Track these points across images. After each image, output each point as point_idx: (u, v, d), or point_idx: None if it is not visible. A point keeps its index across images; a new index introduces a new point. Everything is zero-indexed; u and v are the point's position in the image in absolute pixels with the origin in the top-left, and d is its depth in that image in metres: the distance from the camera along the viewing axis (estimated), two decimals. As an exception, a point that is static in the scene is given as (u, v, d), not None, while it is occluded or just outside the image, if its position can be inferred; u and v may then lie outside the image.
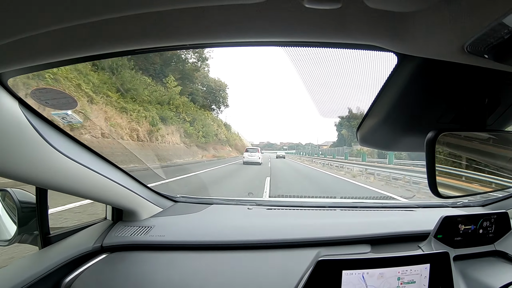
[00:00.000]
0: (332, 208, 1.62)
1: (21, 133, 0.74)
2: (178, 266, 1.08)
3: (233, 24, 0.50)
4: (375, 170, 13.82)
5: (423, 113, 0.76)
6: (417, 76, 0.64)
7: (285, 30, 0.52)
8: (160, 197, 1.49)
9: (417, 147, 0.83)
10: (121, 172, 1.18)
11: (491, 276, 1.09)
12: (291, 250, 1.16)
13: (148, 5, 0.42)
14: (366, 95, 0.76)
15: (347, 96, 0.80)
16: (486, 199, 1.67)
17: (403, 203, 1.96)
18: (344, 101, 0.82)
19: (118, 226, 1.26)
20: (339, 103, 0.84)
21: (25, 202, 1.08)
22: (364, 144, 0.92)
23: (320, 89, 0.78)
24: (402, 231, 1.27)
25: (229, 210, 1.59)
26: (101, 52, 0.60)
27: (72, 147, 0.92)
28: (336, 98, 0.81)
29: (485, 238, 1.22)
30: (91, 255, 1.10)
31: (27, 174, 0.79)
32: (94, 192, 1.04)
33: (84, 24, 0.46)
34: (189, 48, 0.75)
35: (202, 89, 24.93)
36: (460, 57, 0.52)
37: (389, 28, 0.49)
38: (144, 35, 0.54)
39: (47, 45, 0.54)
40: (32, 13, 0.43)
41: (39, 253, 1.07)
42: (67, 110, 0.92)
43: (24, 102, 0.75)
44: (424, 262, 1.01)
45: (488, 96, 0.70)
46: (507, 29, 0.42)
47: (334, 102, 0.83)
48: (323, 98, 0.82)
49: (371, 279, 0.97)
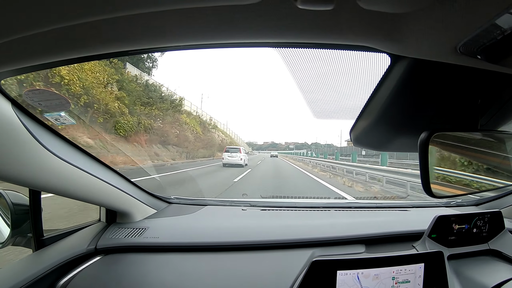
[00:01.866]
0: (327, 208, 1.62)
1: (14, 134, 0.73)
2: (173, 267, 1.07)
3: (227, 25, 0.50)
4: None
5: (416, 114, 0.76)
6: (410, 77, 0.64)
7: (279, 31, 0.52)
8: (154, 199, 1.48)
9: (411, 147, 0.83)
10: (115, 173, 1.17)
11: (485, 274, 1.10)
12: (286, 251, 1.16)
13: (142, 6, 0.42)
14: (360, 96, 0.77)
15: (340, 97, 0.80)
16: (479, 198, 1.69)
17: (397, 203, 1.96)
18: (337, 101, 0.83)
19: (112, 228, 1.25)
20: (332, 104, 0.84)
21: (18, 204, 1.06)
22: (357, 144, 0.92)
23: (313, 90, 0.78)
24: (396, 231, 1.28)
25: (223, 211, 1.59)
26: (96, 53, 0.60)
27: (65, 148, 0.91)
28: (330, 99, 0.82)
29: (479, 237, 1.23)
30: (85, 257, 1.09)
31: (20, 175, 0.79)
32: (87, 194, 1.04)
33: (79, 24, 0.45)
34: (183, 49, 0.74)
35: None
36: (453, 57, 0.52)
37: (382, 29, 0.49)
38: (138, 35, 0.54)
39: (41, 46, 0.54)
40: (26, 13, 0.43)
41: (33, 255, 1.06)
42: (60, 111, 0.92)
43: (17, 103, 0.74)
44: (419, 262, 1.02)
45: (481, 97, 0.71)
46: (500, 30, 0.43)
47: (328, 103, 0.84)
48: (316, 99, 0.82)
49: (366, 280, 0.97)
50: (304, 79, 0.72)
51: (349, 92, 0.78)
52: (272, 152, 64.03)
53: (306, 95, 0.79)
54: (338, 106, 0.84)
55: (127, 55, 0.63)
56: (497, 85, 0.69)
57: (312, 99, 0.82)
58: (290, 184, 10.32)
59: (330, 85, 0.75)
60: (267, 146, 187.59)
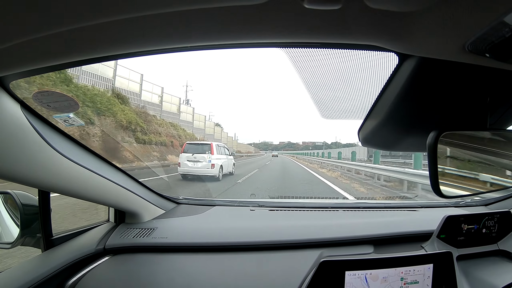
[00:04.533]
0: (335, 208, 1.62)
1: (24, 136, 0.74)
2: (181, 268, 1.08)
3: (233, 25, 0.50)
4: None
5: (424, 113, 0.75)
6: (418, 76, 0.63)
7: (286, 31, 0.52)
8: (162, 199, 1.49)
9: (419, 147, 0.83)
10: (123, 174, 1.18)
11: (494, 275, 1.09)
12: (294, 251, 1.16)
13: (149, 7, 0.42)
14: (367, 96, 0.76)
15: (348, 97, 0.80)
16: (488, 198, 1.66)
17: (406, 203, 1.95)
18: (345, 101, 0.82)
19: (121, 228, 1.26)
20: (340, 104, 0.83)
21: (28, 205, 1.08)
22: (366, 144, 0.92)
23: (320, 90, 0.77)
24: (405, 231, 1.27)
25: (231, 212, 1.60)
26: (104, 55, 0.60)
27: (74, 149, 0.92)
28: (337, 99, 0.81)
29: (488, 237, 1.22)
30: (94, 257, 1.10)
31: (29, 176, 0.80)
32: (96, 194, 1.05)
33: (86, 26, 0.46)
34: (190, 50, 0.75)
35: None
36: (461, 56, 0.52)
37: (390, 28, 0.49)
38: (145, 37, 0.54)
39: (49, 48, 0.54)
40: (33, 16, 0.43)
41: (42, 255, 1.07)
42: (69, 112, 0.93)
43: (26, 105, 0.75)
44: (427, 262, 1.01)
45: (489, 95, 0.70)
46: (508, 27, 0.42)
47: (335, 103, 0.83)
48: (323, 99, 0.82)
49: (375, 283, 0.97)
50: (311, 79, 0.72)
51: (356, 92, 0.78)
52: (273, 152, 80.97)
53: (314, 95, 0.79)
54: (346, 106, 0.84)
55: (135, 56, 0.63)
56: (506, 83, 0.68)
57: (320, 99, 0.81)
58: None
59: (338, 85, 0.75)
60: (283, 146, 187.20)
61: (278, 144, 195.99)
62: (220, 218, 1.47)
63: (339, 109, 0.86)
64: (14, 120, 0.72)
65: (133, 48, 0.58)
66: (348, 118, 0.88)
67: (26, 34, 0.47)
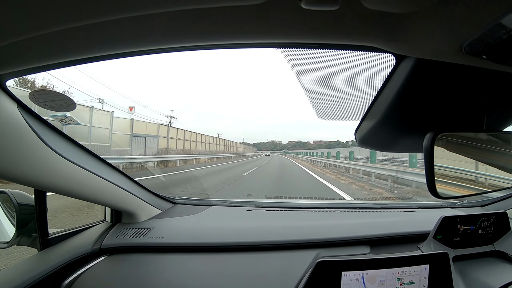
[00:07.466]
0: (331, 209, 1.62)
1: (20, 135, 0.74)
2: (178, 268, 1.08)
3: (231, 25, 0.50)
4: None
5: (421, 114, 0.76)
6: (415, 77, 0.64)
7: (283, 31, 0.52)
8: (159, 199, 1.48)
9: (416, 148, 0.83)
10: (120, 173, 1.18)
11: (490, 276, 1.09)
12: (291, 252, 1.15)
13: (147, 7, 0.42)
14: (364, 96, 0.76)
15: (345, 98, 0.80)
16: (485, 199, 1.67)
17: (402, 203, 1.95)
18: (342, 102, 0.82)
19: (117, 228, 1.25)
20: (337, 104, 0.83)
21: (24, 204, 1.07)
22: (362, 145, 0.92)
23: (317, 91, 0.77)
24: (401, 232, 1.27)
25: (228, 212, 1.59)
26: (100, 54, 0.60)
27: (70, 149, 0.92)
28: (334, 100, 0.81)
29: (484, 238, 1.22)
30: (90, 257, 1.10)
31: (26, 176, 0.79)
32: (93, 194, 1.04)
33: (83, 26, 0.46)
34: (188, 50, 0.75)
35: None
36: (458, 57, 0.52)
37: (387, 29, 0.49)
38: (142, 37, 0.54)
39: (46, 47, 0.54)
40: (30, 15, 0.43)
41: (38, 255, 1.07)
42: (65, 112, 0.92)
43: (22, 104, 0.75)
44: (424, 263, 1.01)
45: (486, 97, 0.70)
46: (505, 29, 0.42)
47: (332, 104, 0.83)
48: (320, 100, 0.82)
49: (371, 283, 0.97)
50: (308, 80, 0.72)
51: (353, 93, 0.78)
52: (265, 151, 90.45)
53: (310, 95, 0.79)
54: (343, 106, 0.84)
55: (132, 56, 0.63)
56: (502, 85, 0.68)
57: (316, 100, 0.81)
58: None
59: (335, 86, 0.75)
60: (293, 145, 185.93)
61: (287, 144, 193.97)
62: (217, 218, 1.46)
63: (336, 110, 0.86)
64: (11, 119, 0.71)
65: (129, 48, 0.58)
66: (345, 119, 0.89)
67: (22, 33, 0.47)
